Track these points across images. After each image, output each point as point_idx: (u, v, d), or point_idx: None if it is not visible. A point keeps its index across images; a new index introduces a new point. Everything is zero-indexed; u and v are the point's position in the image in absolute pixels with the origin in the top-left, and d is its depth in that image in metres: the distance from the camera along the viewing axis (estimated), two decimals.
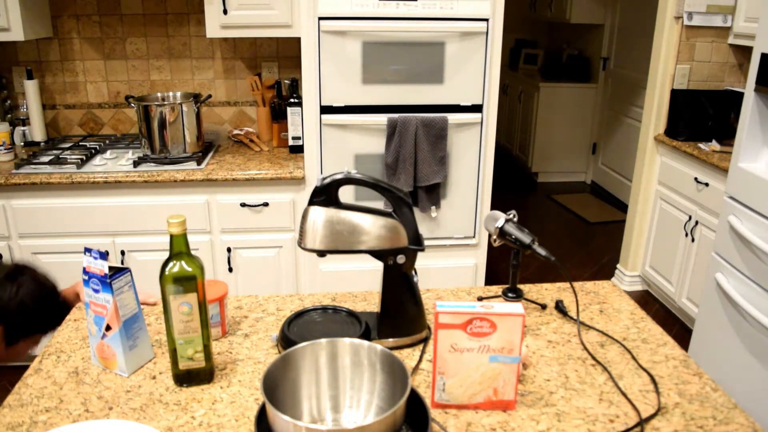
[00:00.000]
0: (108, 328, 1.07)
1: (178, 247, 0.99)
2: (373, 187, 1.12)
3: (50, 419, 0.98)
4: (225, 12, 2.44)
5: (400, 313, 1.17)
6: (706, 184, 2.77)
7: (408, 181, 2.39)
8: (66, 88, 2.84)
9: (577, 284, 1.44)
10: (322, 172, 2.39)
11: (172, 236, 0.99)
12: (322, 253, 1.10)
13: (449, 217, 2.55)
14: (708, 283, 2.36)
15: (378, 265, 1.16)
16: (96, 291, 1.06)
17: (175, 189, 2.38)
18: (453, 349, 0.95)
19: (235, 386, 1.06)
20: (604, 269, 3.73)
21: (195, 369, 1.05)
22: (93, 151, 2.57)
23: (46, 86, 2.82)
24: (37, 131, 2.74)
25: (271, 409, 0.80)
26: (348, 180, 1.11)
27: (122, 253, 2.43)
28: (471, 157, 2.44)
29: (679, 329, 3.03)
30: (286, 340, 1.14)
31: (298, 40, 2.43)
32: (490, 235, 1.32)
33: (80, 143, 2.73)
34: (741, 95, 2.27)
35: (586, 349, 1.17)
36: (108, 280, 1.03)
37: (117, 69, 2.83)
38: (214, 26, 2.47)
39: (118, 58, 2.82)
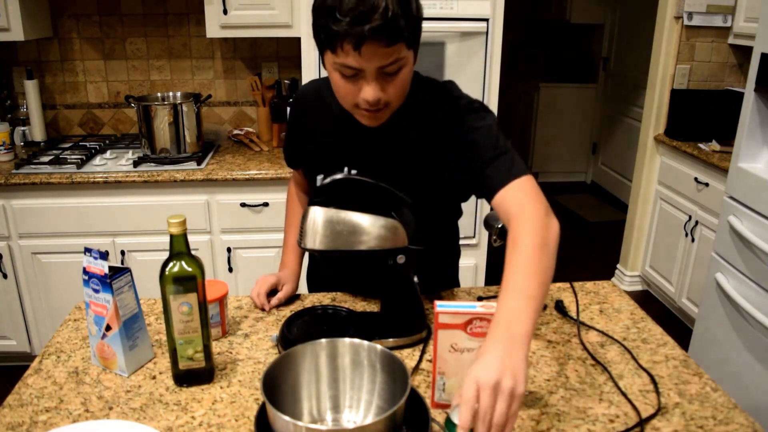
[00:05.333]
0: (108, 328, 1.07)
1: (178, 247, 0.99)
2: (373, 187, 1.12)
3: (50, 419, 0.98)
4: (225, 12, 2.44)
5: (400, 313, 1.17)
6: (706, 184, 2.76)
7: None
8: (66, 88, 2.84)
9: (577, 284, 1.44)
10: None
11: (172, 236, 0.99)
12: (322, 254, 1.10)
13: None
14: (708, 283, 2.36)
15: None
16: (96, 291, 1.06)
17: (175, 189, 2.38)
18: (453, 349, 0.95)
19: (235, 386, 1.06)
20: (604, 269, 3.73)
21: (195, 369, 1.05)
22: (93, 151, 2.57)
23: (46, 86, 2.82)
24: (37, 131, 2.74)
25: (271, 409, 0.80)
26: (348, 180, 1.11)
27: (122, 253, 2.43)
28: None
29: (679, 329, 3.03)
30: (286, 340, 1.14)
31: (298, 40, 2.42)
32: (490, 235, 1.32)
33: (80, 143, 2.73)
34: (741, 95, 2.27)
35: (586, 349, 1.17)
36: (108, 280, 1.03)
37: (117, 69, 2.83)
38: (214, 26, 2.47)
39: (118, 58, 2.82)
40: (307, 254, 1.50)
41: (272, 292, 1.35)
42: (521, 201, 1.05)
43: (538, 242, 0.97)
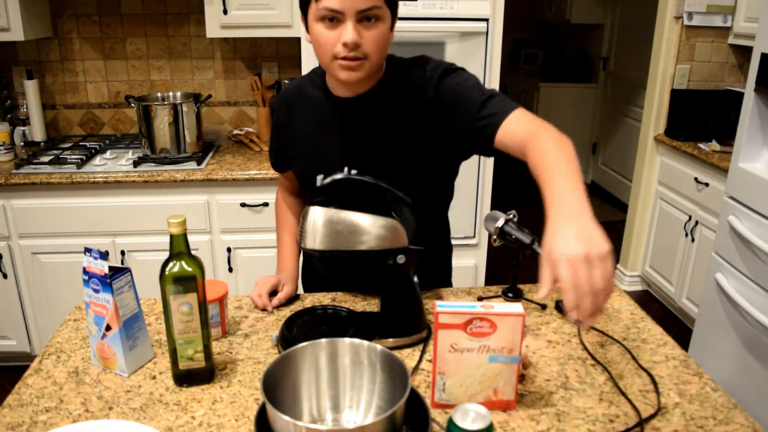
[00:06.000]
0: (108, 328, 1.07)
1: (178, 247, 0.99)
2: (373, 187, 1.12)
3: (50, 419, 0.98)
4: (225, 12, 2.44)
5: (400, 313, 1.17)
6: (706, 184, 2.76)
7: None
8: (66, 88, 2.84)
9: None
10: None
11: (172, 236, 0.99)
12: (322, 254, 1.10)
13: (449, 217, 2.54)
14: (708, 283, 2.36)
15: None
16: (96, 291, 1.06)
17: (175, 189, 2.38)
18: (453, 349, 0.95)
19: (235, 386, 1.06)
20: None
21: (195, 369, 1.05)
22: (93, 151, 2.57)
23: (46, 86, 2.82)
24: (37, 131, 2.74)
25: (271, 409, 0.80)
26: (348, 180, 1.11)
27: (122, 253, 2.43)
28: (471, 157, 2.43)
29: (679, 329, 3.03)
30: (286, 340, 1.14)
31: (298, 40, 2.43)
32: (490, 235, 1.32)
33: (80, 143, 2.73)
34: (741, 95, 2.27)
35: (586, 349, 1.17)
36: (108, 280, 1.03)
37: (117, 69, 2.83)
38: (214, 26, 2.47)
39: (118, 58, 2.82)
40: (300, 253, 1.51)
41: (272, 294, 1.35)
42: (530, 124, 1.09)
43: (560, 142, 1.01)
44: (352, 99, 1.23)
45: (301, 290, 1.51)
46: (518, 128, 1.09)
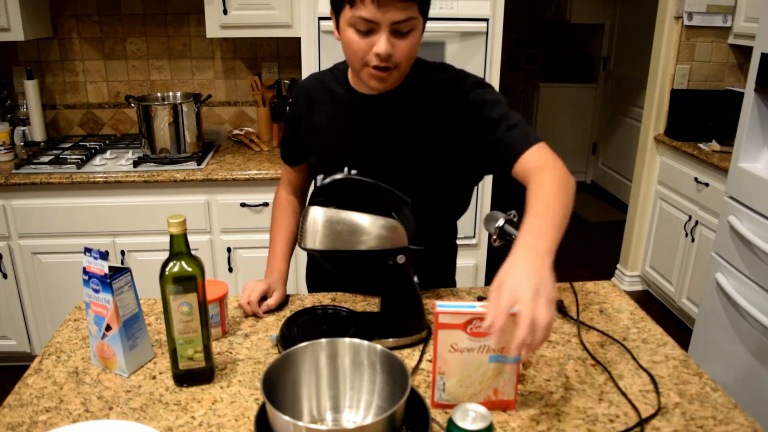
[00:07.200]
0: (108, 328, 1.07)
1: (178, 247, 0.99)
2: (373, 187, 1.12)
3: (50, 419, 0.98)
4: (225, 12, 2.44)
5: (400, 313, 1.17)
6: (706, 184, 2.76)
7: None
8: (66, 88, 2.84)
9: (577, 284, 1.43)
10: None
11: (172, 236, 0.99)
12: (322, 254, 1.10)
13: None
14: (708, 283, 2.36)
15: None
16: (96, 291, 1.06)
17: (175, 189, 2.38)
18: (453, 349, 0.95)
19: (235, 386, 1.06)
20: (604, 269, 3.73)
21: (195, 369, 1.05)
22: (93, 151, 2.57)
23: (46, 86, 2.82)
24: (37, 131, 2.74)
25: (271, 409, 0.80)
26: (348, 180, 1.11)
27: (122, 253, 2.43)
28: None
29: (679, 329, 3.03)
30: (286, 340, 1.14)
31: (298, 40, 2.43)
32: (490, 235, 1.32)
33: (80, 143, 2.73)
34: (741, 95, 2.27)
35: (586, 349, 1.17)
36: (108, 280, 1.03)
37: (117, 69, 2.83)
38: (214, 26, 2.47)
39: (118, 58, 2.82)
40: (305, 255, 1.50)
41: (263, 299, 1.33)
42: (544, 159, 1.13)
43: (559, 182, 1.06)
44: (376, 96, 1.24)
45: (304, 290, 1.51)
46: (532, 163, 1.12)
